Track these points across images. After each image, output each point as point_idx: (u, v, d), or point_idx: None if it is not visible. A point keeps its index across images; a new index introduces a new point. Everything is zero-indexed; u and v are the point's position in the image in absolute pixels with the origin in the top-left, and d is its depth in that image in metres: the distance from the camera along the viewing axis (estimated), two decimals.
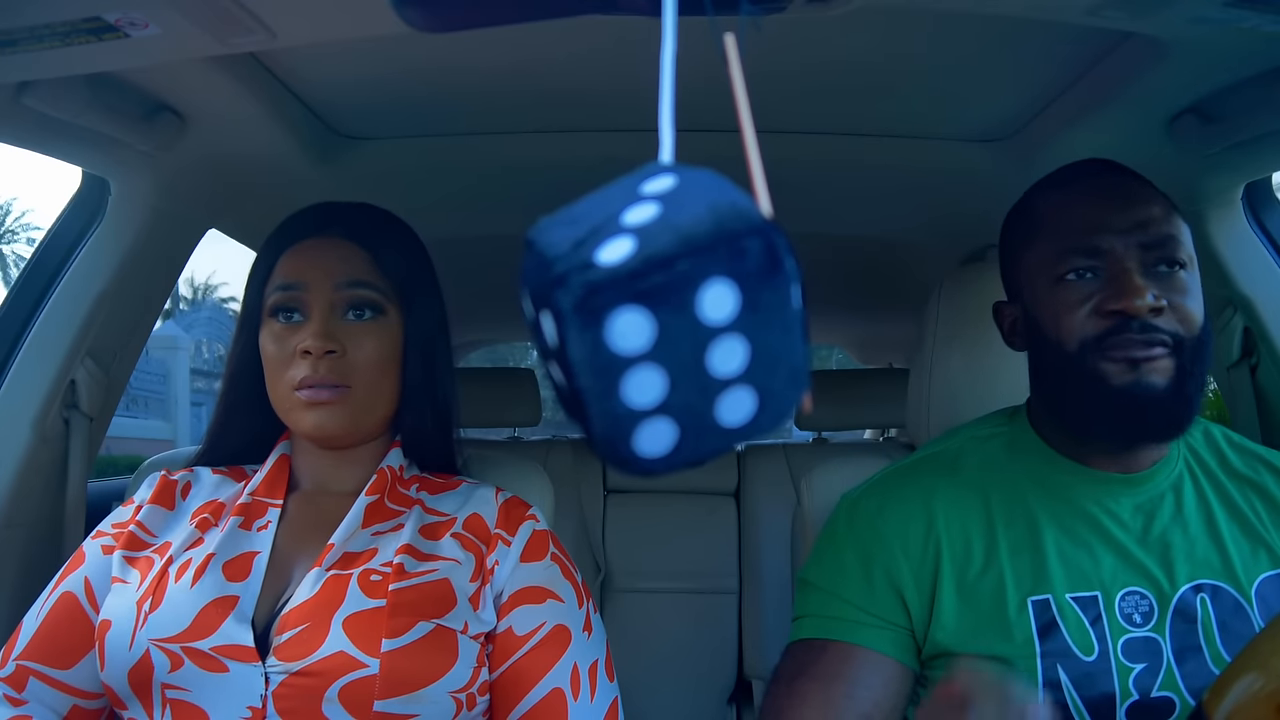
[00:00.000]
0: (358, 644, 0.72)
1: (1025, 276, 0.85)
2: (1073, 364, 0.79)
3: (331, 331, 0.82)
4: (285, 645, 0.72)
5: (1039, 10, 0.76)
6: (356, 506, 0.83)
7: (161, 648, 0.72)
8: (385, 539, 0.81)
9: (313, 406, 0.81)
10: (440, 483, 0.90)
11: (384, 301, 0.85)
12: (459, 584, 0.79)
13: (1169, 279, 0.78)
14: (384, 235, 0.88)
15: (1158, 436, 0.81)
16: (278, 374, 0.83)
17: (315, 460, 0.88)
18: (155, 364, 13.98)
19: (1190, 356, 0.77)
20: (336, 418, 0.82)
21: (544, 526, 0.87)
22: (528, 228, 0.35)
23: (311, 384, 0.81)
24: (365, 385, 0.83)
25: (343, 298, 0.84)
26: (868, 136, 1.22)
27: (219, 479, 0.89)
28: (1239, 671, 0.55)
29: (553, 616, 0.81)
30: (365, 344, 0.83)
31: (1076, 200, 0.82)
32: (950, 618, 0.80)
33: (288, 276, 0.84)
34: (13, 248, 24.04)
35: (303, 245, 0.86)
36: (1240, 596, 0.78)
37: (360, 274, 0.84)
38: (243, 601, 0.75)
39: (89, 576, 0.82)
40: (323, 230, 0.86)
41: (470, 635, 0.77)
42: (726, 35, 0.36)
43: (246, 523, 0.82)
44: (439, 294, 0.91)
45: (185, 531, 0.82)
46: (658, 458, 0.33)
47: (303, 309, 0.83)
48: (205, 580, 0.76)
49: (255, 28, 0.70)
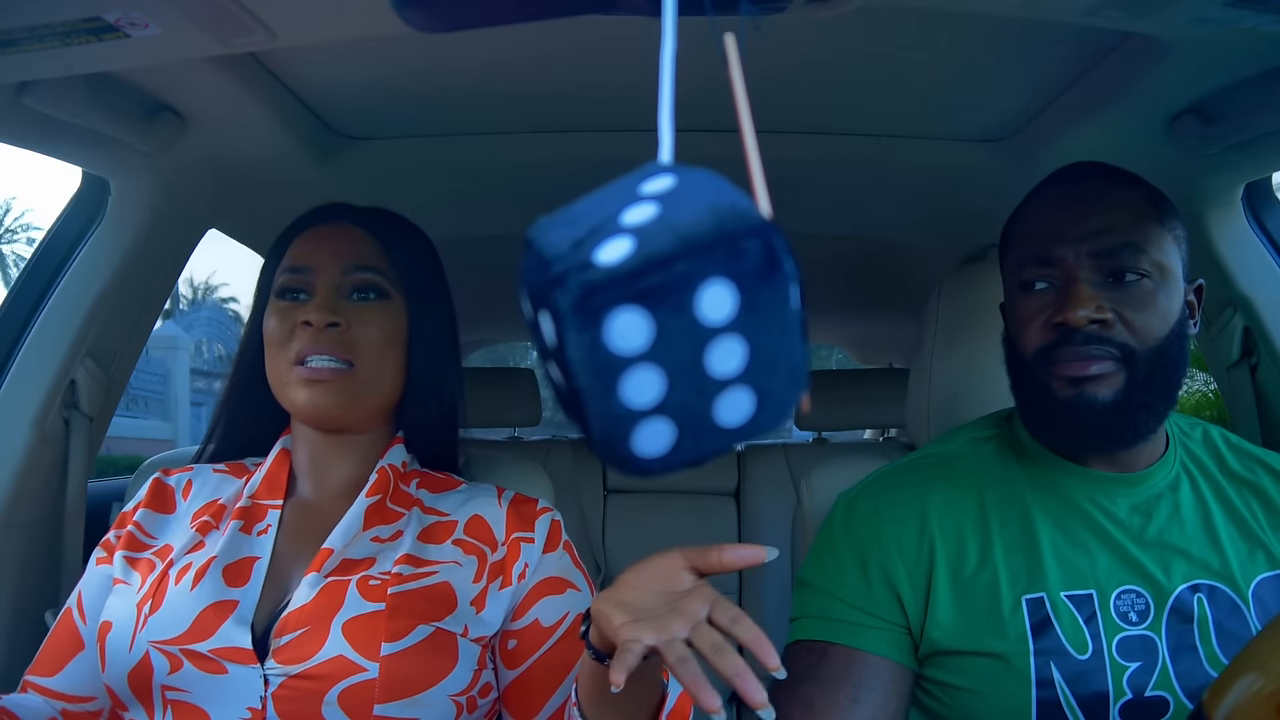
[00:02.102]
0: (357, 648, 0.72)
1: (1005, 282, 0.87)
2: (1028, 372, 0.81)
3: (336, 307, 0.82)
4: (284, 648, 0.72)
5: (1039, 10, 0.76)
6: (356, 508, 0.82)
7: (161, 650, 0.73)
8: (385, 548, 0.80)
9: (310, 384, 0.80)
10: (441, 480, 0.89)
11: (389, 288, 0.85)
12: (460, 586, 0.78)
13: (1124, 289, 0.78)
14: (396, 230, 0.89)
15: (1099, 449, 0.82)
16: (277, 350, 0.82)
17: (314, 449, 0.86)
18: (155, 364, 13.97)
19: (1145, 368, 0.77)
20: (334, 396, 0.80)
21: (556, 516, 0.87)
22: (527, 228, 0.35)
23: (311, 353, 0.80)
24: (367, 364, 0.82)
25: (349, 280, 0.84)
26: (867, 136, 1.23)
27: (220, 477, 0.88)
28: (1239, 672, 0.55)
29: (575, 605, 0.81)
30: (369, 322, 0.82)
31: (1043, 207, 0.83)
32: (945, 616, 0.80)
33: (296, 259, 0.85)
34: (13, 248, 24.05)
35: (314, 231, 0.87)
36: (1237, 597, 0.78)
37: (368, 259, 0.85)
38: (242, 605, 0.75)
39: (82, 589, 0.83)
40: (335, 219, 0.87)
41: (471, 638, 0.77)
42: (726, 35, 0.36)
43: (247, 526, 0.81)
44: (448, 297, 0.92)
45: (186, 535, 0.82)
46: (656, 458, 0.34)
47: (308, 289, 0.83)
48: (205, 584, 0.76)
49: (255, 28, 0.70)
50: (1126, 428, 0.78)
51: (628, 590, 0.60)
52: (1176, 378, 0.80)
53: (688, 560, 0.60)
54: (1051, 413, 0.80)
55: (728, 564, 0.59)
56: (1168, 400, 0.79)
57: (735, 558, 0.60)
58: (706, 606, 0.56)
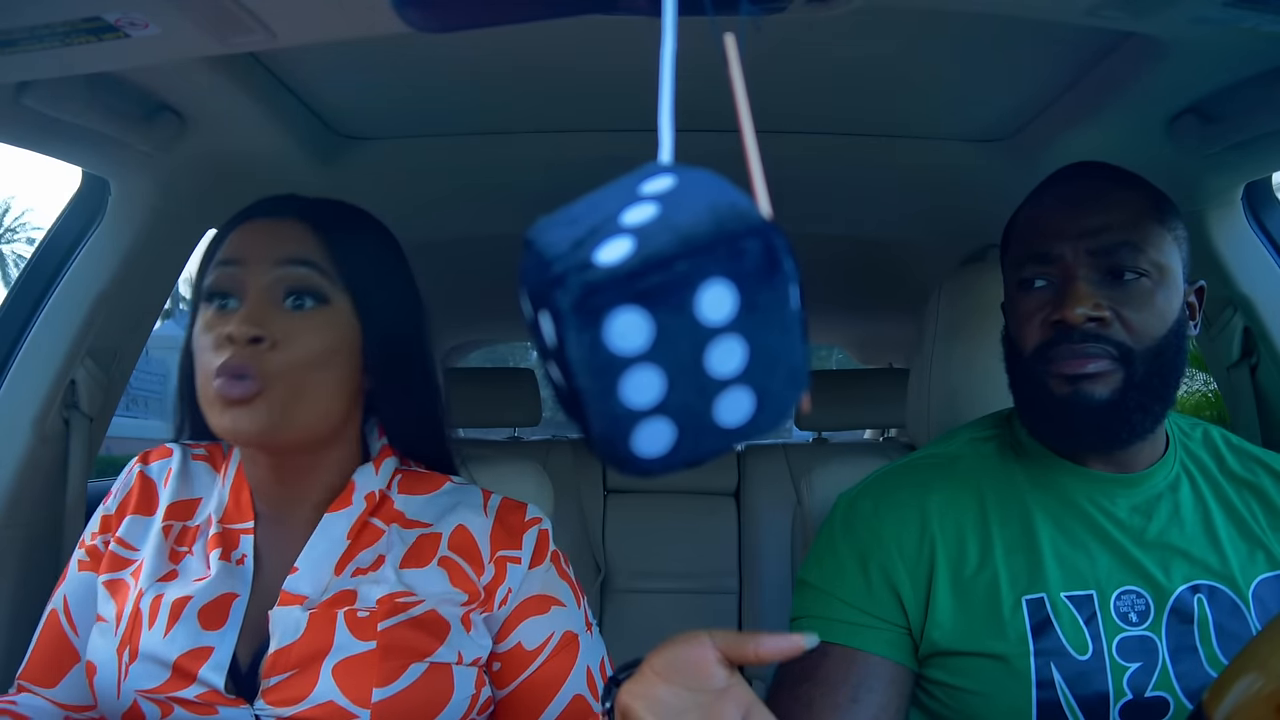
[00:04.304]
0: (348, 693, 0.70)
1: (1006, 281, 0.87)
2: (1026, 371, 0.81)
3: (263, 318, 0.72)
4: (274, 689, 0.70)
5: (1039, 10, 0.76)
6: (331, 533, 0.77)
7: (148, 699, 0.71)
8: (366, 580, 0.75)
9: (230, 406, 0.71)
10: (424, 477, 0.84)
11: (329, 289, 0.76)
12: (449, 611, 0.75)
13: (1122, 288, 0.78)
14: (344, 223, 0.80)
15: (1095, 447, 0.82)
16: (200, 365, 0.74)
17: (265, 471, 0.79)
18: (155, 364, 13.93)
19: (1143, 368, 0.77)
20: (251, 419, 0.71)
21: (545, 525, 0.83)
22: (527, 228, 0.35)
23: (230, 372, 0.70)
24: (287, 385, 0.72)
25: (283, 277, 0.74)
26: (867, 136, 1.23)
27: (198, 466, 0.83)
28: (1238, 672, 0.55)
29: (559, 625, 0.80)
30: (299, 340, 0.73)
31: (1042, 206, 0.83)
32: (946, 616, 0.80)
33: (229, 252, 0.76)
34: (13, 248, 24.05)
35: (252, 223, 0.78)
36: (1237, 598, 0.78)
37: (306, 254, 0.75)
38: (218, 651, 0.72)
39: (68, 595, 0.81)
40: (276, 212, 0.79)
41: (466, 663, 0.75)
42: (726, 35, 0.36)
43: (225, 553, 0.76)
44: (412, 293, 0.83)
45: (159, 553, 0.77)
46: (656, 458, 0.33)
47: (238, 291, 0.74)
48: (179, 629, 0.72)
49: (255, 28, 0.70)
50: (1122, 427, 0.78)
51: (658, 685, 0.56)
52: (1174, 378, 0.80)
53: (720, 649, 0.56)
54: (1048, 411, 0.80)
55: (764, 656, 0.57)
56: (1165, 401, 0.79)
57: (771, 650, 0.57)
58: (740, 713, 0.54)
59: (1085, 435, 0.80)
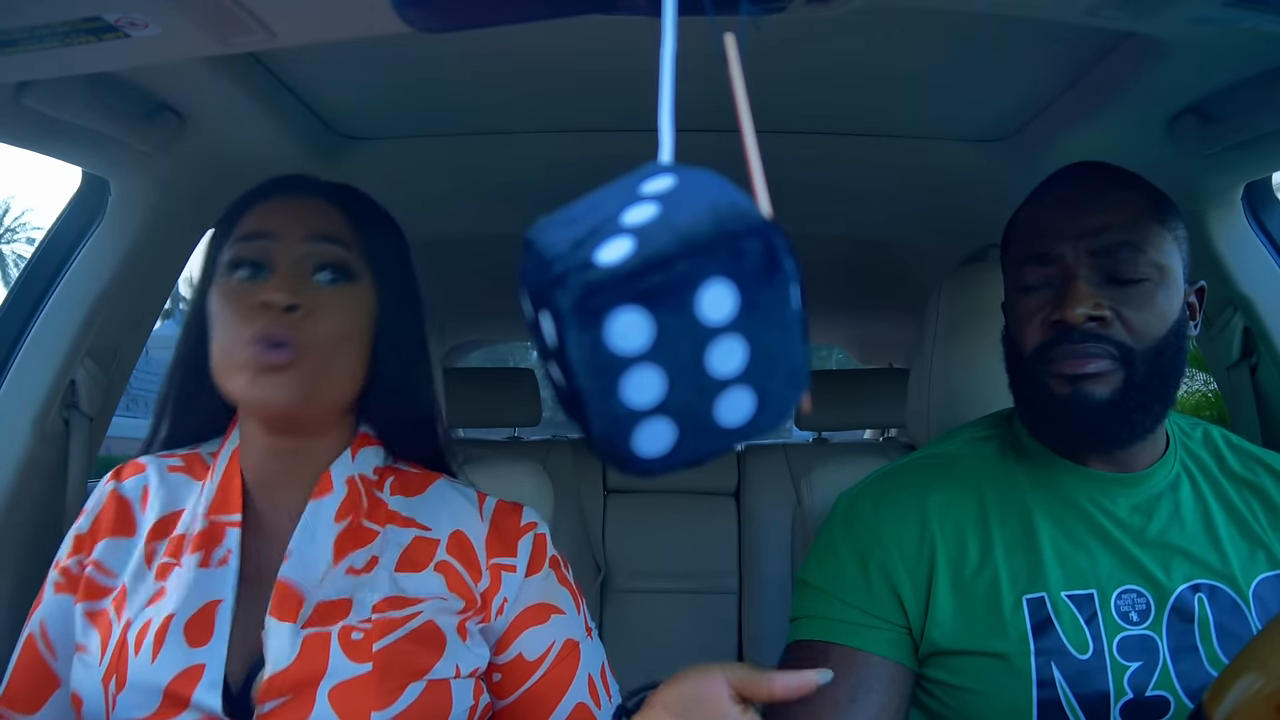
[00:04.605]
0: (346, 718, 0.68)
1: (1006, 281, 0.87)
2: (1027, 371, 0.82)
3: (297, 287, 0.72)
4: (269, 716, 0.68)
5: (1039, 10, 0.75)
6: (320, 518, 0.75)
7: None
8: (362, 583, 0.73)
9: (261, 373, 0.70)
10: (417, 476, 0.83)
11: (357, 267, 0.76)
12: (446, 622, 0.74)
13: (1123, 288, 0.78)
14: (366, 208, 0.81)
15: (1095, 447, 0.82)
16: (226, 333, 0.72)
17: (265, 458, 0.77)
18: (155, 364, 13.91)
19: (1143, 368, 0.77)
20: (284, 387, 0.70)
21: (541, 530, 0.82)
22: (527, 228, 0.35)
23: (267, 338, 0.70)
24: (319, 356, 0.72)
25: (313, 252, 0.74)
26: (867, 136, 1.23)
27: (177, 478, 0.80)
28: (1238, 672, 0.55)
29: (560, 633, 0.79)
30: (330, 312, 0.73)
31: (1043, 207, 0.84)
32: (946, 616, 0.80)
33: (255, 225, 0.75)
34: (13, 248, 24.06)
35: (276, 200, 0.78)
36: (1238, 597, 0.78)
37: (336, 232, 0.76)
38: (210, 669, 0.69)
39: (45, 620, 0.77)
40: (304, 190, 0.79)
41: (464, 676, 0.74)
42: (726, 35, 0.36)
43: (206, 558, 0.73)
44: (416, 286, 0.84)
45: (145, 576, 0.74)
46: (657, 458, 0.33)
47: (268, 262, 0.74)
48: (166, 650, 0.69)
49: (255, 28, 0.70)
50: (1122, 427, 0.78)
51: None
52: (1174, 378, 0.80)
53: (733, 686, 0.56)
54: (1048, 410, 0.80)
55: (778, 695, 0.56)
56: (1165, 401, 0.79)
57: (786, 689, 0.56)
58: None
59: (1085, 435, 0.80)
